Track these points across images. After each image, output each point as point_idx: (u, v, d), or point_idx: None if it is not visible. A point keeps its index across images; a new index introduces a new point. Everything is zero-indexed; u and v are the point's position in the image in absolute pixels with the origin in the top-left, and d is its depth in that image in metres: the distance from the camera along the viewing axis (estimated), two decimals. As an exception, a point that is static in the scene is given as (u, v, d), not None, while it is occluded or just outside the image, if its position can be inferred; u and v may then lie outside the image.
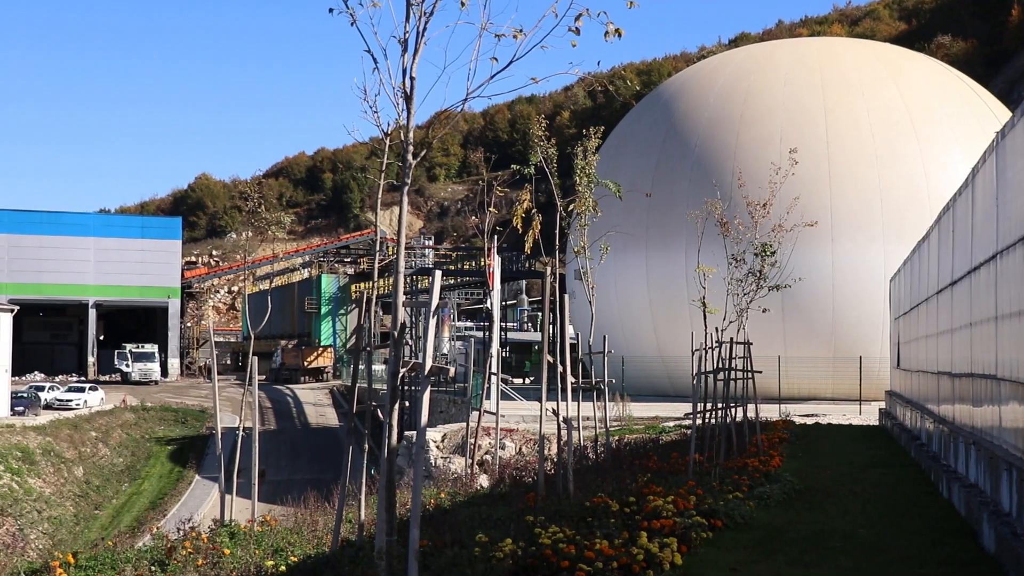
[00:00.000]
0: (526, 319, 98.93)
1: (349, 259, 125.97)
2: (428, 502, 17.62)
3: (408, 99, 8.85)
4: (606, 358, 23.17)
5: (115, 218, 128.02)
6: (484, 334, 48.64)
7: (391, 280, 73.92)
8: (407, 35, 8.72)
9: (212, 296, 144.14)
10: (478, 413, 26.06)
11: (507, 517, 14.09)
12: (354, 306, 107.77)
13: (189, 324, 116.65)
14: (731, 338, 20.82)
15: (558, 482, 16.49)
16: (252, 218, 19.83)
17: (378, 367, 56.30)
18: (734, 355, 20.94)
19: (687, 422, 31.16)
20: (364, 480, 13.11)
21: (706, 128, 47.01)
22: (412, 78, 8.79)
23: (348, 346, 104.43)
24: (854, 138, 44.56)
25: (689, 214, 27.54)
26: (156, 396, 77.06)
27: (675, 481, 16.60)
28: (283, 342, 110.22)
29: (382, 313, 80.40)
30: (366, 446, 12.95)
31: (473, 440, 25.40)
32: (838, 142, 44.28)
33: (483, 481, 23.80)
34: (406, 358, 10.09)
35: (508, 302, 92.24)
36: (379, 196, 12.19)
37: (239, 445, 18.63)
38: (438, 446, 32.66)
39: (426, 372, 9.13)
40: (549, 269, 19.06)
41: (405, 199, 9.23)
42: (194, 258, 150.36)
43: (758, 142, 43.98)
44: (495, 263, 31.68)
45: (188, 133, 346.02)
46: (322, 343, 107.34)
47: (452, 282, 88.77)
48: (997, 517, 11.68)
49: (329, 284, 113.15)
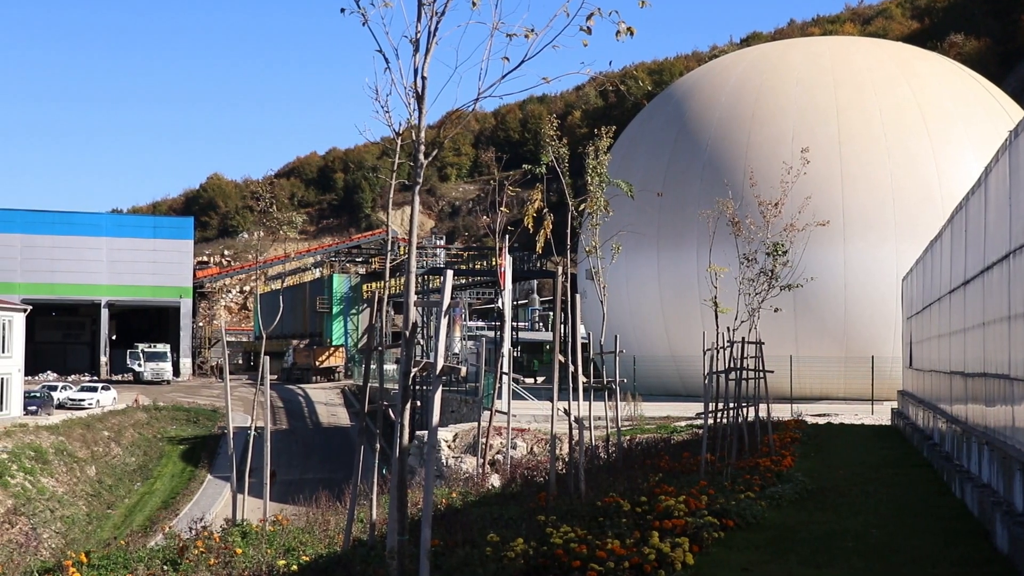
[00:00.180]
0: (537, 319, 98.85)
1: (361, 259, 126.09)
2: (440, 502, 17.63)
3: (420, 99, 8.85)
4: (618, 358, 23.16)
5: (127, 218, 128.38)
6: (495, 334, 48.66)
7: (403, 280, 73.93)
8: (418, 35, 8.73)
9: (224, 296, 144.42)
10: (489, 413, 26.06)
11: (519, 517, 14.09)
12: (366, 306, 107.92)
13: (201, 324, 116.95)
14: (743, 338, 20.79)
15: (570, 482, 16.48)
16: (264, 218, 19.82)
17: (389, 367, 56.36)
18: (746, 355, 20.91)
19: (699, 422, 31.12)
20: (376, 480, 13.12)
21: (718, 127, 46.94)
22: (424, 78, 8.79)
23: (360, 346, 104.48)
24: (866, 137, 44.44)
25: (701, 213, 27.47)
26: (168, 396, 77.27)
27: (687, 481, 16.58)
28: (295, 342, 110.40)
29: (393, 313, 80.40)
30: (378, 446, 12.96)
31: (485, 440, 25.41)
32: (850, 141, 44.17)
33: (495, 481, 23.81)
34: (418, 358, 10.11)
35: (519, 302, 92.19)
36: (391, 196, 12.20)
37: (251, 445, 18.68)
38: (450, 446, 32.67)
39: (438, 372, 9.13)
40: (561, 269, 19.05)
41: (417, 199, 9.24)
42: (206, 258, 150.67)
43: (770, 141, 43.89)
44: (507, 263, 31.68)
45: (200, 133, 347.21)
46: (334, 343, 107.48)
47: (463, 282, 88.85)
48: (1010, 517, 11.64)
49: (341, 284, 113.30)
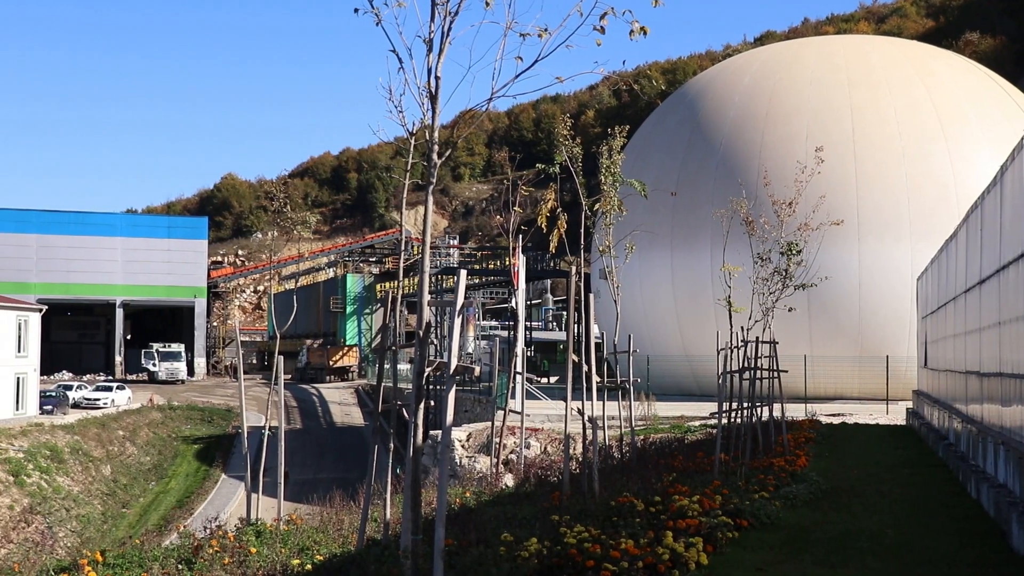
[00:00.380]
0: (551, 318, 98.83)
1: (374, 258, 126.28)
2: (453, 501, 17.64)
3: (433, 99, 8.85)
4: (631, 357, 23.13)
5: (142, 218, 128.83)
6: (509, 333, 48.65)
7: (416, 279, 74.02)
8: (432, 35, 8.73)
9: (238, 296, 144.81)
10: (503, 412, 26.06)
11: (532, 516, 14.09)
12: (379, 305, 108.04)
13: (215, 323, 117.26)
14: (757, 337, 20.74)
15: (583, 481, 16.47)
16: (278, 218, 19.85)
17: (403, 366, 56.37)
18: (760, 354, 20.86)
19: (712, 421, 31.07)
20: (390, 479, 13.13)
21: (731, 127, 46.86)
22: (437, 78, 8.79)
23: (373, 345, 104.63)
24: (881, 136, 44.31)
25: (714, 213, 27.42)
26: (183, 395, 77.51)
27: (701, 480, 16.56)
28: (308, 341, 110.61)
29: (407, 312, 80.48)
30: (391, 445, 12.97)
31: (498, 439, 25.41)
32: (865, 140, 44.03)
33: (508, 480, 23.83)
34: (431, 357, 10.11)
35: (533, 301, 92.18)
36: (404, 196, 12.21)
37: (265, 444, 18.72)
38: (463, 445, 32.69)
39: (451, 371, 9.14)
40: (574, 268, 19.04)
41: (430, 198, 9.24)
42: (220, 258, 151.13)
43: (784, 141, 43.80)
44: (520, 262, 31.67)
45: (214, 133, 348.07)
46: (347, 342, 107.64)
47: (477, 281, 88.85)
48: (1026, 518, 11.58)
49: (354, 283, 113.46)
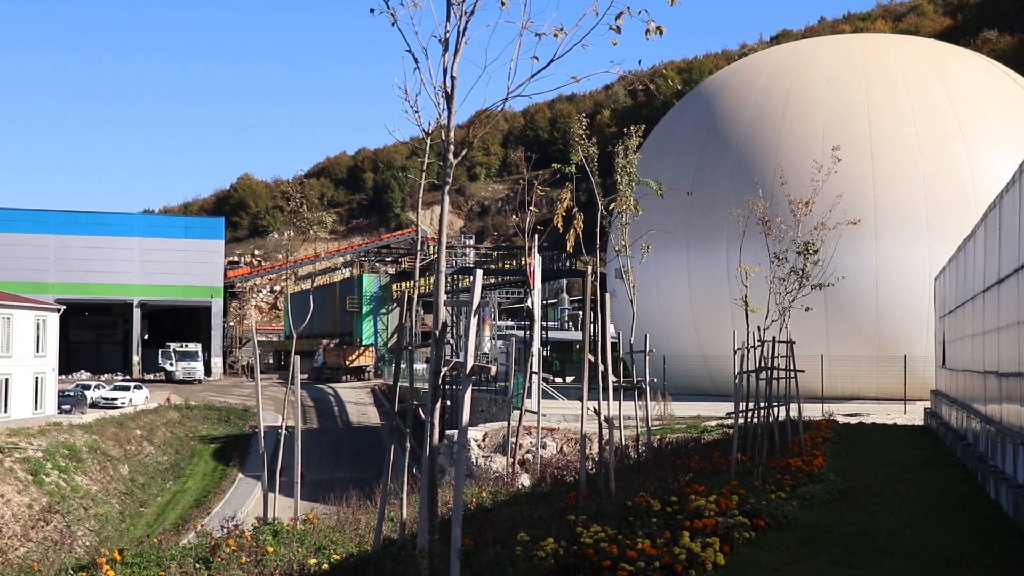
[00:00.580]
0: (567, 318, 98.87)
1: (390, 258, 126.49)
2: (470, 501, 17.64)
3: (449, 99, 8.86)
4: (647, 357, 23.10)
5: (159, 218, 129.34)
6: (525, 333, 48.63)
7: (432, 279, 74.13)
8: (448, 35, 8.73)
9: (254, 295, 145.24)
10: (519, 412, 26.09)
11: (548, 516, 14.08)
12: (395, 305, 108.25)
13: (232, 323, 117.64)
14: (773, 337, 20.70)
15: (600, 481, 16.46)
16: (294, 218, 19.89)
17: (419, 366, 56.44)
18: (776, 354, 20.82)
19: (729, 421, 31.01)
20: (406, 479, 13.15)
21: (747, 126, 46.75)
22: (453, 77, 8.80)
23: (389, 345, 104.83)
24: (898, 135, 44.13)
25: (730, 212, 27.38)
26: (200, 395, 77.76)
27: (717, 480, 16.53)
28: (325, 341, 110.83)
29: (423, 312, 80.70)
30: (408, 445, 13.00)
31: (514, 439, 25.42)
32: (882, 139, 43.87)
33: (524, 480, 23.82)
34: (447, 357, 10.12)
35: (549, 301, 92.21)
36: (420, 196, 12.21)
37: (282, 444, 18.75)
38: (479, 445, 32.71)
39: (467, 371, 9.14)
40: (590, 268, 19.03)
41: (446, 198, 9.25)
42: (237, 258, 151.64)
43: (800, 140, 43.69)
44: (536, 262, 31.63)
45: (230, 134, 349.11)
46: (363, 342, 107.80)
47: (493, 281, 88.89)
48: (1046, 518, 11.53)
49: (370, 283, 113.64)
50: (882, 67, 47.51)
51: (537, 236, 31.65)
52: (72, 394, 62.77)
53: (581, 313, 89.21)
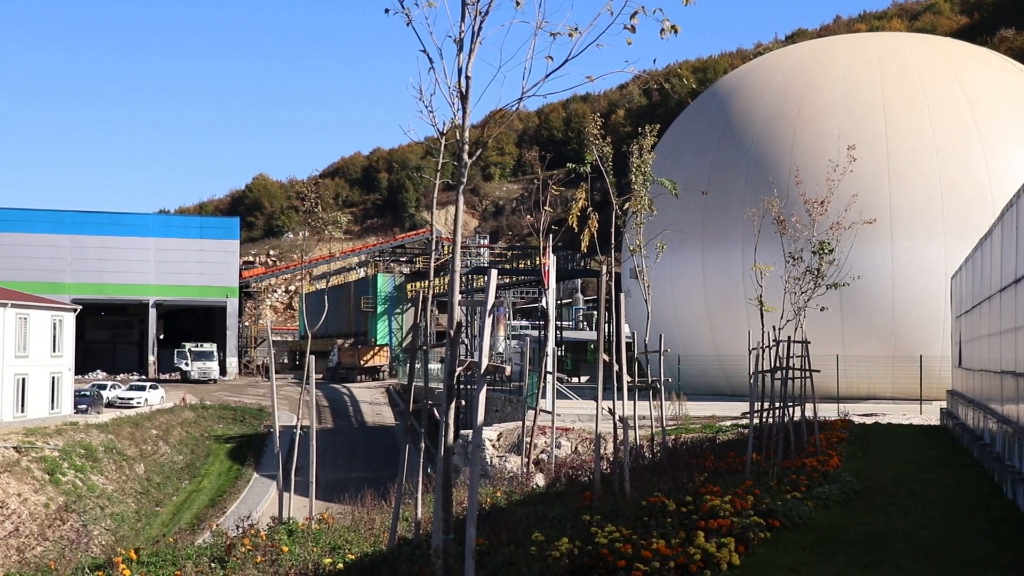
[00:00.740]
0: (581, 318, 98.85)
1: (405, 258, 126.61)
2: (484, 501, 17.65)
3: (463, 98, 8.86)
4: (662, 357, 23.07)
5: (174, 219, 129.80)
6: (539, 333, 48.61)
7: (447, 279, 74.17)
8: (462, 35, 8.73)
9: (269, 295, 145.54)
10: (534, 412, 26.07)
11: (563, 516, 14.07)
12: (410, 305, 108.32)
13: (247, 323, 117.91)
14: (788, 337, 20.64)
15: (614, 481, 16.44)
16: (309, 218, 19.93)
17: (434, 366, 56.48)
18: (792, 354, 20.76)
19: (744, 421, 30.94)
20: (421, 479, 13.15)
21: (762, 125, 46.64)
22: (467, 77, 8.80)
23: (404, 345, 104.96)
24: (914, 134, 43.97)
25: (745, 212, 27.30)
26: (215, 395, 77.97)
27: (732, 481, 16.49)
28: (339, 341, 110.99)
29: (437, 312, 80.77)
30: (422, 445, 13.00)
31: (529, 439, 25.41)
32: (898, 138, 43.71)
33: (539, 480, 23.81)
34: (462, 357, 10.12)
35: (563, 301, 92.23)
36: (435, 195, 12.21)
37: (297, 443, 18.79)
38: (494, 445, 32.71)
39: (482, 371, 9.14)
40: (604, 268, 19.00)
41: (461, 198, 9.24)
42: (252, 258, 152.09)
43: (816, 139, 43.56)
44: (550, 262, 31.56)
45: (245, 134, 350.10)
46: (378, 342, 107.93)
47: (507, 281, 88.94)
48: (1063, 519, 11.46)
49: (385, 283, 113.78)
50: (898, 66, 47.33)
51: (552, 236, 31.61)
52: (88, 394, 63.03)
53: (596, 313, 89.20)
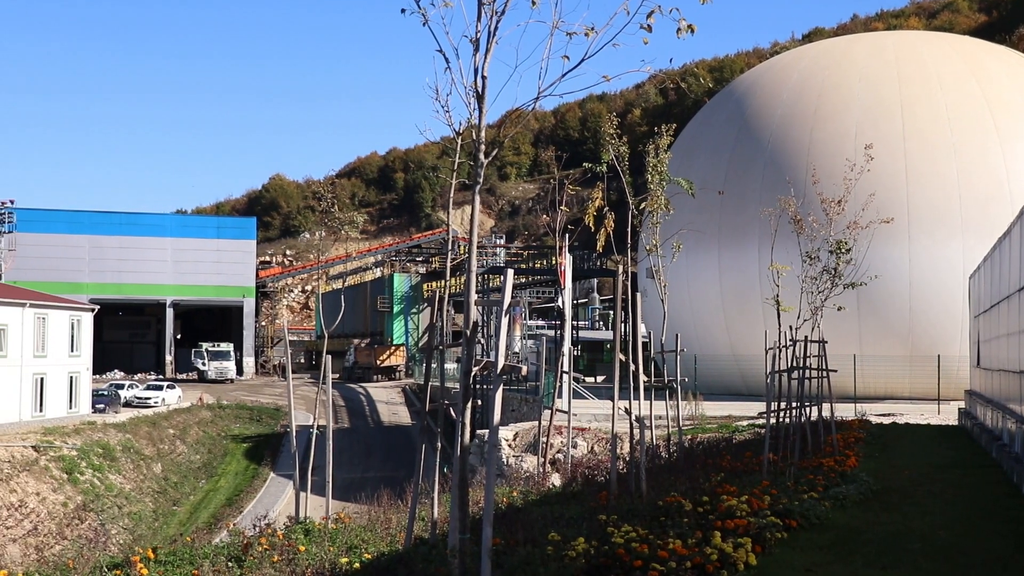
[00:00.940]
0: (597, 317, 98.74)
1: (421, 258, 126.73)
2: (501, 501, 17.66)
3: (480, 98, 8.86)
4: (678, 356, 23.03)
5: (191, 219, 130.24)
6: (556, 332, 48.60)
7: (463, 279, 74.13)
8: (478, 35, 8.74)
9: (286, 295, 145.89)
10: (550, 412, 26.07)
11: (579, 516, 14.07)
12: (426, 305, 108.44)
13: (264, 323, 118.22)
14: (805, 336, 20.58)
15: (631, 481, 16.42)
16: (325, 218, 20.01)
17: (450, 366, 56.53)
18: (808, 354, 20.70)
19: (761, 421, 30.87)
20: (437, 478, 13.16)
21: (779, 125, 46.49)
22: (484, 77, 8.80)
23: (420, 345, 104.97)
24: (932, 133, 43.75)
25: (762, 211, 27.23)
26: (232, 394, 78.21)
27: (749, 481, 16.46)
28: (356, 341, 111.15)
29: (454, 312, 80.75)
30: (439, 444, 13.00)
31: (545, 439, 25.41)
32: (916, 137, 43.51)
33: (555, 480, 23.81)
34: (478, 357, 10.13)
35: (579, 300, 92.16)
36: (451, 195, 12.24)
37: (313, 443, 18.84)
38: (510, 445, 32.72)
39: (498, 371, 9.14)
40: (621, 267, 18.98)
41: (477, 198, 9.25)
42: (268, 258, 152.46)
43: (833, 138, 43.40)
44: (566, 261, 31.59)
45: (262, 134, 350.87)
46: (394, 342, 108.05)
47: (524, 281, 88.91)
48: (1083, 520, 11.39)
49: (401, 283, 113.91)
50: (916, 65, 47.11)
51: (568, 235, 31.64)
52: (106, 393, 63.33)
53: (612, 312, 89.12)
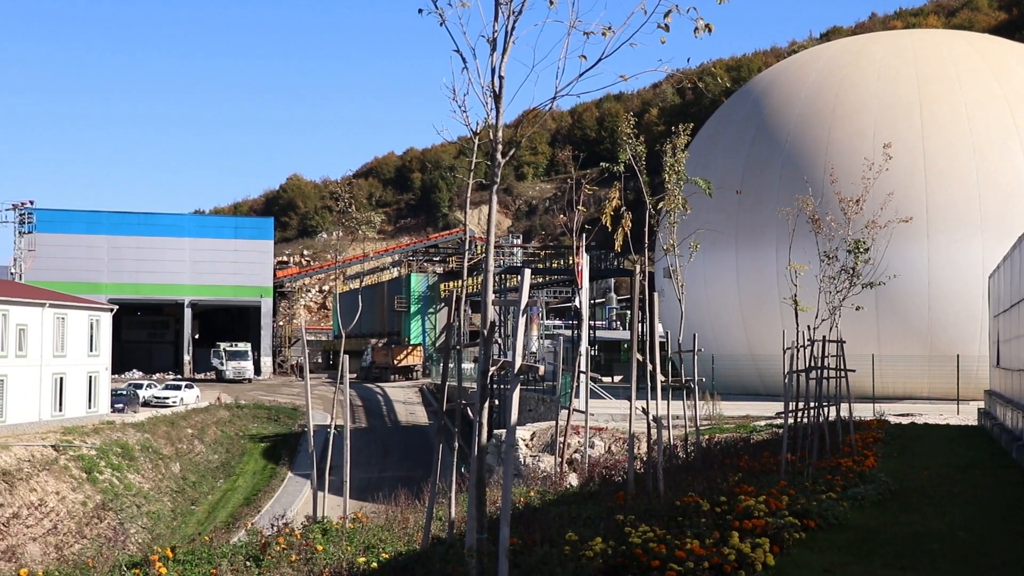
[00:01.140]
0: (615, 317, 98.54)
1: (438, 258, 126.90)
2: (518, 500, 17.65)
3: (497, 98, 8.86)
4: (696, 356, 22.98)
5: (209, 219, 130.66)
6: (573, 332, 48.58)
7: (480, 279, 74.28)
8: (496, 34, 8.74)
9: (303, 295, 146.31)
10: (567, 411, 26.03)
11: (597, 516, 14.06)
12: (443, 305, 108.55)
13: (281, 323, 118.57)
14: (823, 336, 20.51)
15: (648, 481, 16.40)
16: (343, 218, 20.01)
17: (467, 365, 56.55)
18: (827, 353, 20.63)
19: (778, 421, 30.77)
20: (454, 478, 13.16)
21: (797, 124, 46.34)
22: (501, 77, 8.80)
23: (437, 344, 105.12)
24: (952, 132, 43.53)
25: (780, 211, 27.13)
26: (249, 394, 78.45)
27: (767, 481, 16.40)
28: (373, 340, 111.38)
29: (471, 312, 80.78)
30: (456, 444, 13.01)
31: (562, 438, 25.39)
32: (935, 136, 43.30)
33: (572, 480, 23.80)
34: (495, 356, 10.13)
35: (597, 300, 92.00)
36: (468, 195, 12.25)
37: (331, 443, 18.86)
38: (527, 444, 32.71)
39: (515, 371, 9.14)
40: (638, 267, 18.95)
41: (494, 198, 9.25)
42: (286, 258, 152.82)
43: (851, 137, 43.23)
44: (584, 261, 31.59)
45: (279, 135, 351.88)
46: (411, 342, 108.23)
47: (541, 280, 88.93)
48: (1103, 521, 11.31)
49: (418, 283, 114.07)
50: (935, 63, 46.87)
51: (585, 235, 31.61)
52: (125, 393, 63.62)
53: (629, 312, 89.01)
